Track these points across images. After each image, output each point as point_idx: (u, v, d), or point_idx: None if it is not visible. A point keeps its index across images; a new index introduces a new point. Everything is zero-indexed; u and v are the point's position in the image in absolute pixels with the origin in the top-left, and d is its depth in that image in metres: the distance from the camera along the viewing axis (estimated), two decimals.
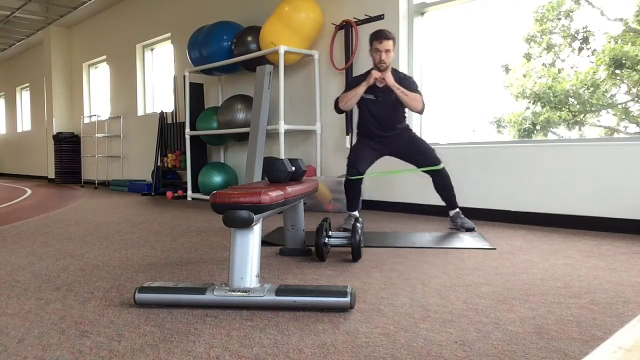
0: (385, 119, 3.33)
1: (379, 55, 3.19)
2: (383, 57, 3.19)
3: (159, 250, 2.75)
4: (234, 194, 1.67)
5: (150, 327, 1.51)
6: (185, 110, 5.85)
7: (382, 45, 3.17)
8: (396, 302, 1.72)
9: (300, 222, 2.55)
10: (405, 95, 3.20)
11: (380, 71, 3.22)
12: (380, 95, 3.29)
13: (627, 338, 1.21)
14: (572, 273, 2.11)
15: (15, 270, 2.29)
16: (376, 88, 3.27)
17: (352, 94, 3.29)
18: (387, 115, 3.32)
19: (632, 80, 4.50)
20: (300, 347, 1.34)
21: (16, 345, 1.39)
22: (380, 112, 3.31)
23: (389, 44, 3.18)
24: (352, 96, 3.29)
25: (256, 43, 5.01)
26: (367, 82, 3.23)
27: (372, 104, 3.32)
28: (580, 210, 3.29)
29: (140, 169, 7.74)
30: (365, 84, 3.24)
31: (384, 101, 3.29)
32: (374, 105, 3.32)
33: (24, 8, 8.10)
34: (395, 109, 3.31)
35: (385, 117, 3.32)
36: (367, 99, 3.31)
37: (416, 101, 3.22)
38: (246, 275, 1.69)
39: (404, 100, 3.22)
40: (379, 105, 3.31)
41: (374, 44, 3.22)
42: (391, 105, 3.28)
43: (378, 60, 3.21)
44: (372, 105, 3.32)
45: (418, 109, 3.25)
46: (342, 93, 3.39)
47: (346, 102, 3.31)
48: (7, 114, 13.22)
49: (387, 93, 3.26)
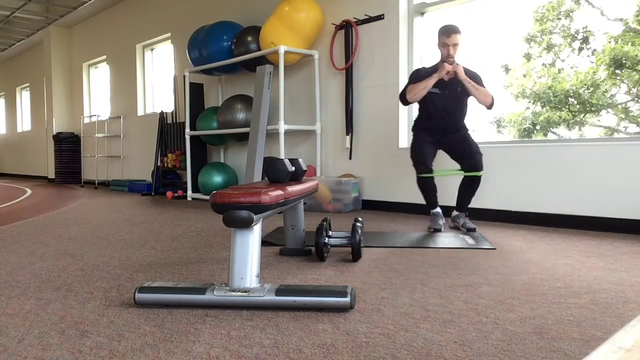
0: (450, 112, 3.30)
1: (447, 50, 3.18)
2: (451, 51, 3.17)
3: (159, 250, 2.75)
4: (234, 194, 1.67)
5: (150, 327, 1.51)
6: (185, 110, 5.85)
7: (451, 40, 3.16)
8: (396, 302, 1.72)
9: (300, 222, 2.55)
10: (476, 89, 3.18)
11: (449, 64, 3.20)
12: (447, 89, 3.25)
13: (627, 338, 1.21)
14: (572, 273, 2.11)
15: (15, 270, 2.29)
16: (442, 81, 3.23)
17: (421, 85, 3.24)
18: (452, 109, 3.30)
19: (632, 80, 4.50)
20: (300, 347, 1.34)
21: (16, 345, 1.39)
22: (446, 105, 3.28)
23: (457, 38, 3.18)
24: (421, 88, 3.24)
25: (256, 43, 5.01)
26: (439, 74, 3.19)
27: (437, 97, 3.28)
28: (580, 210, 3.29)
29: (140, 169, 7.74)
30: (436, 75, 3.19)
31: (450, 95, 3.26)
32: (439, 98, 3.28)
33: (24, 8, 8.10)
34: (461, 103, 3.29)
35: (451, 111, 3.30)
36: (433, 92, 3.26)
37: (486, 96, 3.20)
38: (246, 275, 1.69)
39: (475, 94, 3.19)
40: (444, 98, 3.27)
41: (441, 39, 3.21)
42: (457, 99, 3.26)
43: (446, 54, 3.19)
44: (438, 99, 3.29)
45: (488, 103, 3.22)
46: (408, 85, 3.33)
47: (415, 94, 3.27)
48: (7, 114, 13.22)
49: (453, 86, 3.23)
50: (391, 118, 4.33)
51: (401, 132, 4.31)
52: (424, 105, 3.37)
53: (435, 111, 3.32)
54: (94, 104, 9.34)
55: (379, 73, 4.41)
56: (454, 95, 3.26)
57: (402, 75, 4.29)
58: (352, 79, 4.59)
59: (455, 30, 3.19)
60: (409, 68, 4.32)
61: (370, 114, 4.50)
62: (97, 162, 8.80)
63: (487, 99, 3.21)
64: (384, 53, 4.37)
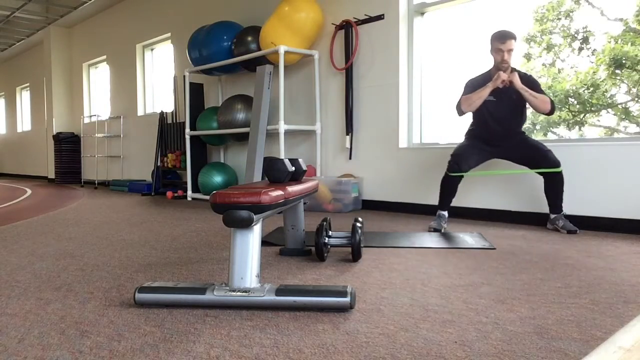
0: (506, 120, 3.23)
1: (501, 56, 3.11)
2: (506, 57, 3.11)
3: (159, 250, 2.75)
4: (234, 194, 1.67)
5: (150, 327, 1.51)
6: (185, 110, 5.85)
7: (505, 46, 3.10)
8: (396, 302, 1.72)
9: (300, 222, 2.55)
10: (534, 97, 3.08)
11: (502, 71, 3.13)
12: (502, 96, 3.19)
13: (627, 338, 1.21)
14: (572, 273, 2.11)
15: (15, 270, 2.29)
16: (497, 88, 3.15)
17: (476, 95, 3.16)
18: (507, 117, 3.23)
19: (632, 80, 4.50)
20: (300, 347, 1.34)
21: (16, 345, 1.39)
22: (501, 113, 3.22)
23: (512, 44, 3.10)
24: (476, 98, 3.16)
25: (256, 43, 5.01)
26: (494, 83, 3.12)
27: (492, 105, 3.22)
28: (580, 210, 3.29)
29: (140, 169, 7.74)
30: (491, 85, 3.12)
31: (505, 102, 3.19)
32: (494, 106, 3.22)
33: (24, 8, 8.10)
34: (516, 110, 3.22)
35: (506, 118, 3.23)
36: (487, 100, 3.19)
37: (545, 102, 3.09)
38: (246, 275, 1.69)
39: (533, 102, 3.10)
40: (499, 106, 3.21)
41: (495, 44, 3.14)
42: (512, 106, 3.19)
43: (500, 61, 3.13)
44: (493, 107, 3.22)
45: (547, 110, 3.12)
46: (463, 95, 3.25)
47: (470, 104, 3.19)
48: (7, 114, 13.22)
49: (508, 94, 3.16)
50: (391, 118, 4.33)
51: (401, 132, 4.31)
52: (477, 113, 3.29)
53: (491, 119, 3.25)
54: (94, 104, 9.35)
55: (379, 73, 4.41)
56: (509, 103, 3.18)
57: (402, 75, 4.29)
58: (352, 79, 4.59)
59: (511, 36, 3.11)
60: (408, 68, 4.32)
61: (370, 114, 4.50)
62: (97, 162, 8.80)
63: (545, 105, 3.10)
64: (384, 53, 4.37)
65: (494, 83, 3.12)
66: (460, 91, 3.32)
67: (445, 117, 4.46)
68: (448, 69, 4.40)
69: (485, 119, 3.28)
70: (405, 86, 4.31)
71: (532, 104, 3.12)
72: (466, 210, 3.86)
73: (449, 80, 4.42)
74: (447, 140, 4.22)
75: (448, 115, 4.48)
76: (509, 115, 3.24)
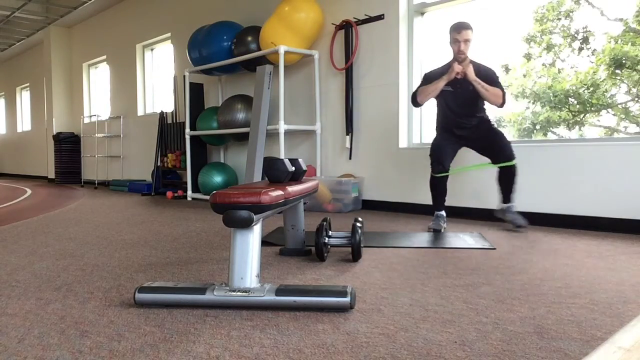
0: (464, 110, 3.29)
1: (458, 46, 3.17)
2: (462, 48, 3.16)
3: (159, 250, 2.75)
4: (234, 194, 1.67)
5: (150, 327, 1.51)
6: (185, 110, 5.85)
7: (461, 36, 3.15)
8: (396, 302, 1.72)
9: (300, 222, 2.55)
10: (485, 90, 3.14)
11: (459, 62, 3.19)
12: (459, 87, 3.24)
13: (627, 338, 1.21)
14: (572, 273, 2.11)
15: (15, 270, 2.29)
16: (455, 79, 3.21)
17: (431, 88, 3.24)
18: (465, 107, 3.28)
19: (632, 80, 4.50)
20: (300, 347, 1.34)
21: (16, 345, 1.39)
22: (459, 103, 3.28)
23: (468, 34, 3.16)
24: (431, 90, 3.24)
25: (256, 43, 5.01)
26: (449, 76, 3.18)
27: (449, 95, 3.28)
28: (580, 210, 3.29)
29: (140, 169, 7.74)
30: (446, 78, 3.19)
31: (462, 93, 3.24)
32: (452, 97, 3.28)
33: (24, 8, 8.10)
34: (474, 100, 3.26)
35: (464, 108, 3.28)
36: (445, 91, 3.25)
37: (496, 96, 3.16)
38: (246, 275, 1.69)
39: (484, 94, 3.16)
40: (457, 96, 3.27)
41: (452, 35, 3.19)
42: (469, 96, 3.23)
43: (457, 51, 3.18)
44: (450, 97, 3.28)
45: (498, 103, 3.18)
46: (420, 86, 3.33)
47: (425, 96, 3.27)
48: (7, 114, 13.22)
49: (465, 84, 3.20)
50: (391, 118, 4.33)
51: (401, 132, 4.31)
52: (439, 105, 3.37)
53: (449, 110, 3.32)
54: (94, 104, 9.35)
55: (379, 73, 4.41)
56: (466, 93, 3.23)
57: (402, 75, 4.29)
58: (352, 79, 4.59)
59: (467, 27, 3.17)
60: (409, 68, 4.32)
61: (370, 114, 4.50)
62: (97, 162, 8.80)
63: (497, 99, 3.17)
64: (384, 53, 4.37)
65: (448, 75, 3.19)
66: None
67: None
68: None
69: (444, 109, 3.35)
70: (405, 86, 4.31)
71: (484, 96, 3.17)
72: (466, 210, 3.86)
73: None
74: None
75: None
76: (466, 104, 3.28)
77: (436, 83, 3.23)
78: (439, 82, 3.22)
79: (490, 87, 3.16)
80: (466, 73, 3.15)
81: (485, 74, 3.23)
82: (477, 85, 3.15)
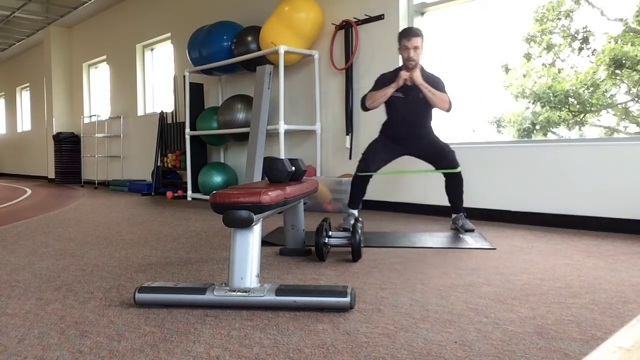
0: (414, 117, 3.28)
1: (407, 53, 3.16)
2: (412, 55, 3.15)
3: (159, 250, 2.75)
4: (234, 194, 1.67)
5: (150, 327, 1.51)
6: (185, 110, 5.85)
7: (411, 43, 3.14)
8: (396, 302, 1.72)
9: (300, 222, 2.55)
10: (432, 94, 3.16)
11: (409, 69, 3.19)
12: (410, 94, 3.24)
13: (627, 338, 1.21)
14: (572, 273, 2.11)
15: (15, 270, 2.29)
16: (405, 86, 3.21)
17: (380, 93, 3.24)
18: (415, 114, 3.28)
19: (632, 80, 4.50)
20: (300, 347, 1.34)
21: (16, 345, 1.39)
22: (409, 110, 3.27)
23: (417, 41, 3.15)
24: (380, 96, 3.24)
25: (256, 43, 5.01)
26: (397, 83, 3.18)
27: (400, 102, 3.27)
28: (580, 210, 3.29)
29: (140, 169, 7.74)
30: (394, 85, 3.19)
31: (413, 99, 3.23)
32: (402, 103, 3.27)
33: (24, 8, 8.10)
34: (424, 108, 3.26)
35: (414, 115, 3.28)
36: (396, 97, 3.26)
37: (443, 101, 3.18)
38: (246, 275, 1.69)
39: (431, 99, 3.16)
40: (407, 103, 3.26)
41: (402, 42, 3.19)
42: (420, 103, 3.23)
43: (406, 58, 3.18)
44: (401, 103, 3.28)
45: (445, 108, 3.21)
46: (370, 91, 3.33)
47: (373, 102, 3.27)
48: (7, 114, 13.22)
49: (416, 91, 3.21)
50: None
51: None
52: (388, 110, 3.38)
53: (398, 116, 3.32)
54: (94, 104, 9.34)
55: (379, 73, 4.39)
56: (417, 100, 3.23)
57: None
58: (352, 79, 4.59)
59: (416, 33, 3.17)
60: None
61: (370, 114, 4.49)
62: (97, 162, 8.80)
63: (443, 104, 3.19)
64: (384, 53, 4.37)
65: (396, 83, 3.19)
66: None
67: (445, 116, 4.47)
68: (448, 69, 4.40)
69: (393, 115, 3.35)
70: None
71: (431, 101, 3.18)
72: (466, 210, 3.85)
73: (449, 80, 4.42)
74: (447, 140, 4.21)
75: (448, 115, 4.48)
76: (417, 112, 3.28)
77: (385, 90, 3.23)
78: (387, 89, 3.23)
79: (437, 92, 3.18)
80: (413, 78, 3.16)
81: (433, 81, 3.24)
82: (424, 89, 3.16)
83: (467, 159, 3.83)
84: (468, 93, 4.45)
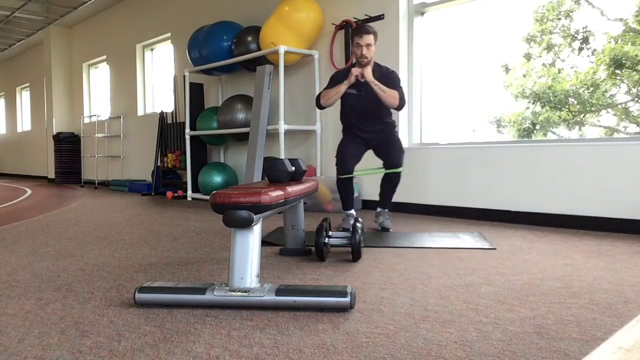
0: (368, 113, 3.32)
1: (360, 50, 3.18)
2: (364, 52, 3.17)
3: (159, 250, 2.75)
4: (234, 194, 1.67)
5: (150, 327, 1.51)
6: (185, 110, 5.85)
7: (363, 40, 3.17)
8: (396, 302, 1.72)
9: (300, 222, 2.55)
10: (382, 91, 3.16)
11: (362, 66, 3.20)
12: (363, 90, 3.25)
13: (627, 338, 1.21)
14: (572, 273, 2.11)
15: (15, 270, 2.29)
16: (359, 82, 3.24)
17: (333, 91, 3.27)
18: (369, 110, 3.31)
19: (632, 80, 4.50)
20: (300, 347, 1.34)
21: (16, 345, 1.39)
22: (363, 106, 3.30)
23: (370, 39, 3.18)
24: (333, 94, 3.27)
25: (256, 43, 5.00)
26: (349, 80, 3.21)
27: (354, 98, 3.30)
28: (580, 210, 3.29)
29: (140, 169, 7.74)
30: (347, 82, 3.22)
31: (367, 96, 3.25)
32: (356, 99, 3.30)
33: (24, 8, 8.10)
34: (379, 104, 3.26)
35: (368, 111, 3.31)
36: (350, 94, 3.29)
37: (392, 97, 3.18)
38: (246, 275, 1.69)
39: (381, 96, 3.17)
40: (361, 99, 3.29)
41: (354, 39, 3.22)
42: (374, 99, 3.24)
43: (359, 55, 3.20)
44: (355, 100, 3.31)
45: (394, 105, 3.21)
46: (324, 89, 3.36)
47: (328, 99, 3.30)
48: (7, 114, 13.22)
49: (369, 87, 3.23)
50: None
51: (401, 132, 4.30)
52: (343, 107, 3.41)
53: (353, 112, 3.35)
54: (94, 104, 9.34)
55: None
56: (371, 96, 3.23)
57: (402, 75, 4.28)
58: None
59: (368, 31, 3.19)
60: (408, 68, 4.32)
61: None
62: (97, 162, 8.80)
63: (393, 101, 3.19)
64: (384, 53, 4.36)
65: (348, 80, 3.21)
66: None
67: (445, 116, 4.47)
68: (448, 69, 4.40)
69: (348, 112, 3.38)
70: (405, 86, 4.29)
71: (381, 98, 3.19)
72: (466, 210, 3.85)
73: (449, 80, 4.42)
74: (447, 140, 4.22)
75: (447, 115, 4.48)
76: (371, 107, 3.30)
77: (338, 87, 3.26)
78: (340, 86, 3.25)
79: (387, 89, 3.17)
80: (364, 75, 3.17)
81: (387, 76, 3.26)
82: (374, 86, 3.17)
83: (467, 159, 3.83)
84: (468, 93, 4.45)
